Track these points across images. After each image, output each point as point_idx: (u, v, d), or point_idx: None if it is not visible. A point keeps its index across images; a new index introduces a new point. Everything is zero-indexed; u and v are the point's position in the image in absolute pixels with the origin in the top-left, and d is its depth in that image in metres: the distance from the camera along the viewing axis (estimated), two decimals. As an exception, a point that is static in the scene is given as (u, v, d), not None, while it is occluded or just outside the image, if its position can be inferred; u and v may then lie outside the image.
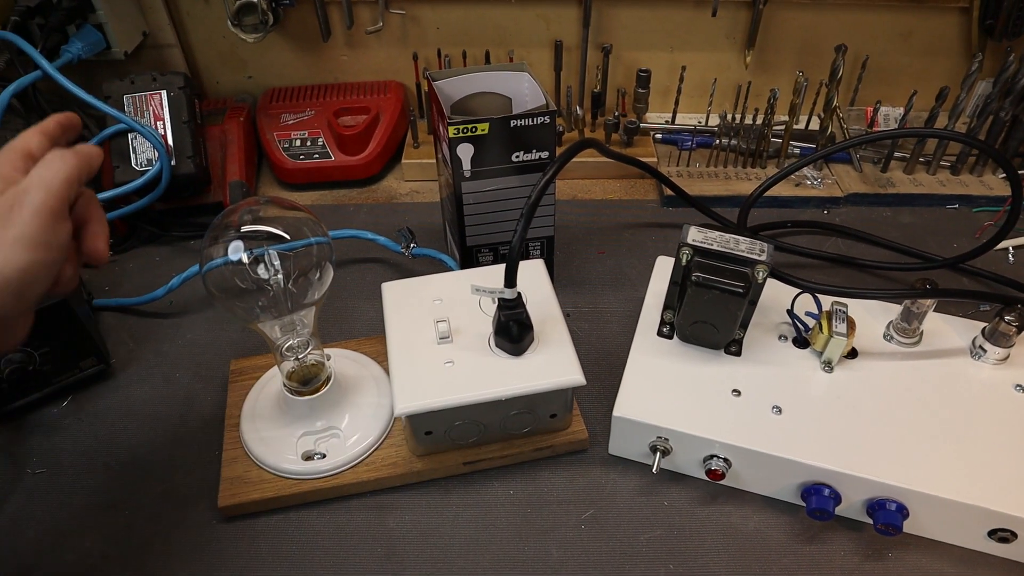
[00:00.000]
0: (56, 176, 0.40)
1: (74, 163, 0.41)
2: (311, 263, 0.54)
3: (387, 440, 0.60)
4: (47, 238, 0.39)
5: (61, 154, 0.41)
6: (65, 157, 0.41)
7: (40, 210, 0.38)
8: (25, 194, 0.38)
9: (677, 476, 0.59)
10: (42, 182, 0.39)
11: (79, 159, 0.41)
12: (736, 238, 0.56)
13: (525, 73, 0.69)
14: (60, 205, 0.39)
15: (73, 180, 0.40)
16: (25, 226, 0.38)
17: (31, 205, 0.38)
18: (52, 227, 0.39)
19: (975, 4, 0.89)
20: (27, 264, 0.38)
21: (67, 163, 0.40)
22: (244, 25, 0.87)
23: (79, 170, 0.41)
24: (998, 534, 0.52)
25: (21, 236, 0.38)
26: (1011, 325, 0.58)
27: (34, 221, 0.38)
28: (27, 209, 0.38)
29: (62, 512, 0.58)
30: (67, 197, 0.40)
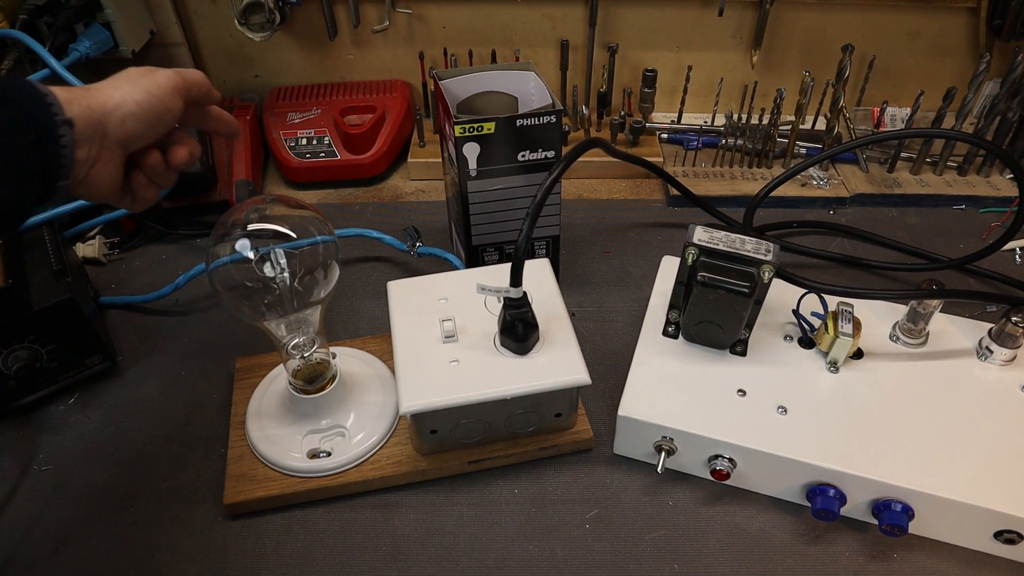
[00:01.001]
0: (183, 71, 0.52)
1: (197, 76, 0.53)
2: (317, 262, 0.54)
3: (392, 439, 0.60)
4: (162, 95, 0.49)
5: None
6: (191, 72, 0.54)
7: (163, 80, 0.49)
8: (165, 70, 0.51)
9: (682, 476, 0.59)
10: (172, 70, 0.51)
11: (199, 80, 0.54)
12: (742, 238, 0.56)
13: (531, 72, 0.69)
14: (179, 84, 0.50)
15: (191, 83, 0.52)
16: (150, 83, 0.49)
17: (162, 75, 0.50)
18: (169, 94, 0.49)
19: (983, 4, 0.88)
20: (144, 101, 0.48)
21: (191, 72, 0.53)
22: (251, 24, 0.87)
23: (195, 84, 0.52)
24: (1004, 535, 0.52)
25: (147, 85, 0.49)
26: (1018, 326, 0.58)
27: (159, 82, 0.49)
28: (158, 75, 0.50)
29: (68, 508, 0.58)
30: (183, 86, 0.51)
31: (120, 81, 0.49)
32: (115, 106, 0.47)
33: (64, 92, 0.45)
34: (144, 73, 0.50)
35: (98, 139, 0.46)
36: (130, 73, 0.50)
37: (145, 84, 0.49)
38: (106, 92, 0.47)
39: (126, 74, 0.49)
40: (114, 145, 0.47)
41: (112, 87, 0.48)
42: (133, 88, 0.48)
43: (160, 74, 0.50)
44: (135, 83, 0.49)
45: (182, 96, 0.51)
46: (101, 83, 0.48)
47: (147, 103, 0.48)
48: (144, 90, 0.48)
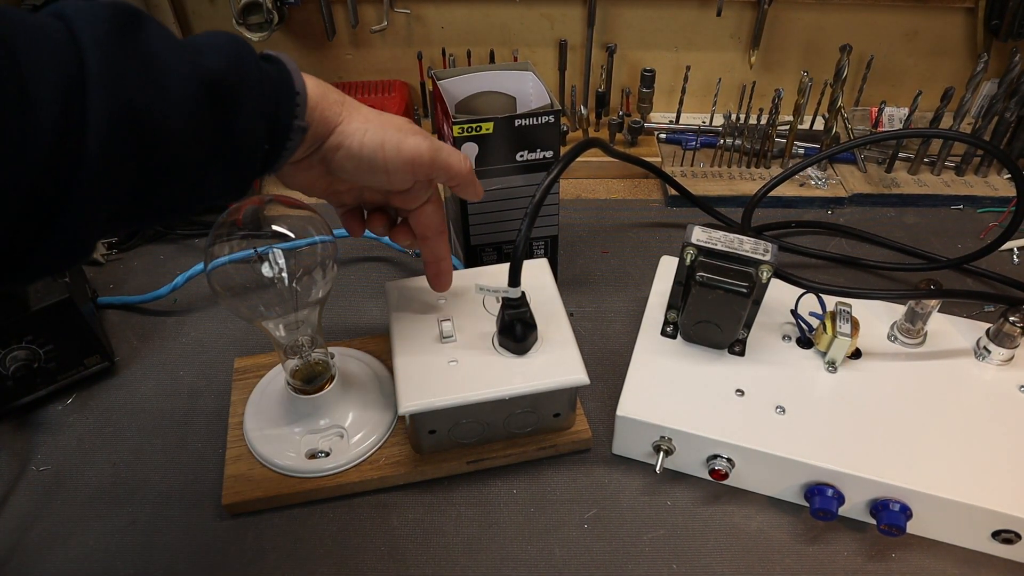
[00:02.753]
0: (442, 156, 0.51)
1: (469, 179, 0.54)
2: (315, 262, 0.54)
3: (390, 439, 0.60)
4: (390, 161, 0.48)
5: (471, 165, 0.54)
6: (472, 172, 0.54)
7: (406, 150, 0.48)
8: (428, 139, 0.50)
9: (680, 476, 0.59)
10: (431, 146, 0.50)
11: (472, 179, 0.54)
12: (740, 238, 0.56)
13: (529, 72, 0.69)
14: (418, 163, 0.49)
15: (435, 169, 0.51)
16: (392, 140, 0.48)
17: (411, 144, 0.48)
18: (400, 165, 0.49)
19: (980, 4, 0.88)
20: (369, 152, 0.47)
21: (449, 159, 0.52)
22: (249, 24, 0.87)
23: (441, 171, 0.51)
24: (1002, 535, 0.52)
25: (388, 139, 0.48)
26: (1015, 326, 0.58)
27: (400, 147, 0.48)
28: (409, 141, 0.48)
29: (66, 509, 0.58)
30: (422, 168, 0.50)
31: (374, 117, 0.48)
32: (345, 136, 0.46)
33: (317, 88, 0.45)
34: (401, 128, 0.49)
35: (315, 154, 0.47)
36: (395, 119, 0.49)
37: (387, 137, 0.48)
38: (351, 116, 0.47)
39: (392, 118, 0.49)
40: (322, 166, 0.48)
41: (361, 117, 0.47)
42: (375, 131, 0.47)
43: (410, 142, 0.48)
44: (382, 129, 0.48)
45: (412, 175, 0.50)
46: (357, 104, 0.48)
47: (371, 155, 0.47)
48: (380, 142, 0.47)
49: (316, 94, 0.45)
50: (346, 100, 0.48)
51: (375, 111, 0.49)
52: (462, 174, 0.52)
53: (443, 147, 0.51)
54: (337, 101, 0.47)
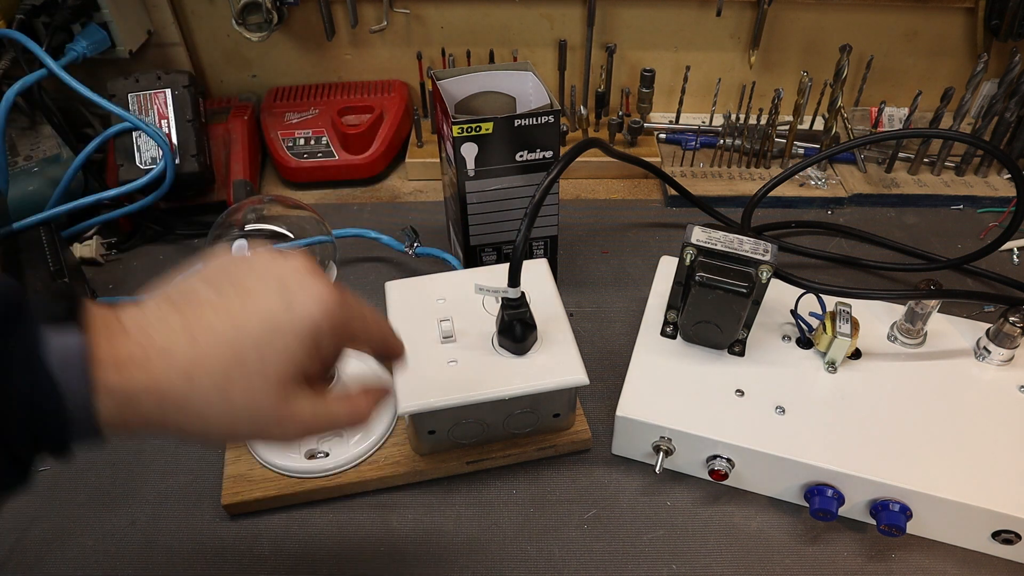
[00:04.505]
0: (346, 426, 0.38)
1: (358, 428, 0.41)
2: (315, 262, 0.54)
3: (390, 439, 0.60)
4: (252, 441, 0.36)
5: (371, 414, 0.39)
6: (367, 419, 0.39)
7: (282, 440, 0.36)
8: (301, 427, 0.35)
9: (680, 476, 0.59)
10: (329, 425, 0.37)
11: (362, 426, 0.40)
12: (740, 238, 0.56)
13: (529, 72, 0.69)
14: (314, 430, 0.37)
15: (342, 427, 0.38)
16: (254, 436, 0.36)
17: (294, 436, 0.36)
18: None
19: (980, 4, 0.88)
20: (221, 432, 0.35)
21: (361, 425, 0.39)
22: (248, 24, 0.87)
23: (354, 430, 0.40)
24: (1002, 535, 0.52)
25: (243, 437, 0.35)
26: (1015, 326, 0.58)
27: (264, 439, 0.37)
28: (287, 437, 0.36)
29: (65, 510, 0.58)
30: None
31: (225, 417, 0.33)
32: (185, 427, 0.33)
33: (116, 401, 0.31)
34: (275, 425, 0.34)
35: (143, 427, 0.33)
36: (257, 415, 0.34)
37: (246, 434, 0.35)
38: (178, 413, 0.32)
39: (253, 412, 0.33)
40: None
41: (197, 410, 0.33)
42: (223, 432, 0.34)
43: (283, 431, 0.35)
44: (235, 428, 0.34)
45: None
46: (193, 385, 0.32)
47: (225, 438, 0.37)
48: (231, 438, 0.36)
49: (113, 409, 0.31)
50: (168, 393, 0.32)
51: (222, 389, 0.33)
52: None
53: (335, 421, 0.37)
54: (154, 407, 0.32)
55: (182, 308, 0.33)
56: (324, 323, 0.35)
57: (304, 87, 0.97)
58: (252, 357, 0.33)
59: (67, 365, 0.30)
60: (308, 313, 0.34)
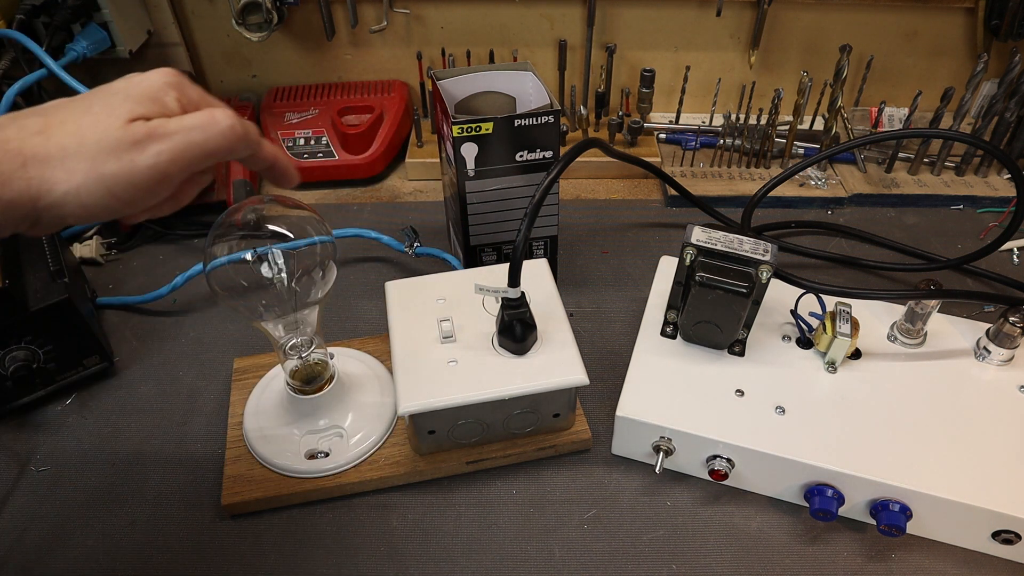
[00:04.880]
0: (207, 141, 0.38)
1: (237, 136, 0.39)
2: (315, 262, 0.54)
3: (390, 439, 0.60)
4: (132, 195, 0.37)
5: (235, 118, 0.39)
6: (235, 126, 0.39)
7: (142, 172, 0.36)
8: (156, 141, 0.37)
9: (680, 476, 0.59)
10: (189, 137, 0.38)
11: (247, 135, 0.40)
12: (740, 238, 0.56)
13: (529, 72, 0.69)
14: (171, 170, 0.37)
15: (224, 151, 0.39)
16: (121, 174, 0.36)
17: (148, 158, 0.36)
18: (145, 193, 0.37)
19: (980, 4, 0.88)
20: (97, 202, 0.36)
21: (231, 132, 0.39)
22: (248, 24, 0.87)
23: (240, 143, 0.40)
24: (1002, 535, 0.52)
25: (115, 176, 0.36)
26: (1015, 326, 0.58)
27: (134, 175, 0.36)
28: (144, 156, 0.36)
29: (65, 510, 0.58)
30: (183, 165, 0.38)
31: (81, 155, 0.35)
32: (56, 207, 0.35)
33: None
34: (122, 144, 0.36)
35: (32, 227, 0.36)
36: (109, 132, 0.36)
37: (110, 179, 0.36)
38: (44, 173, 0.35)
39: (107, 130, 0.36)
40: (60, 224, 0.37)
41: (62, 170, 0.35)
42: (89, 183, 0.35)
43: (142, 163, 0.36)
44: (97, 169, 0.35)
45: (173, 182, 0.38)
46: (52, 131, 0.35)
47: (104, 210, 0.36)
48: (105, 190, 0.36)
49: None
50: (25, 148, 0.35)
51: (78, 123, 0.36)
52: (240, 134, 0.40)
53: (191, 128, 0.38)
54: (16, 168, 0.34)
55: (36, 108, 0.37)
56: (161, 83, 0.40)
57: (304, 87, 0.97)
58: (99, 106, 0.37)
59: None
60: (145, 78, 0.40)
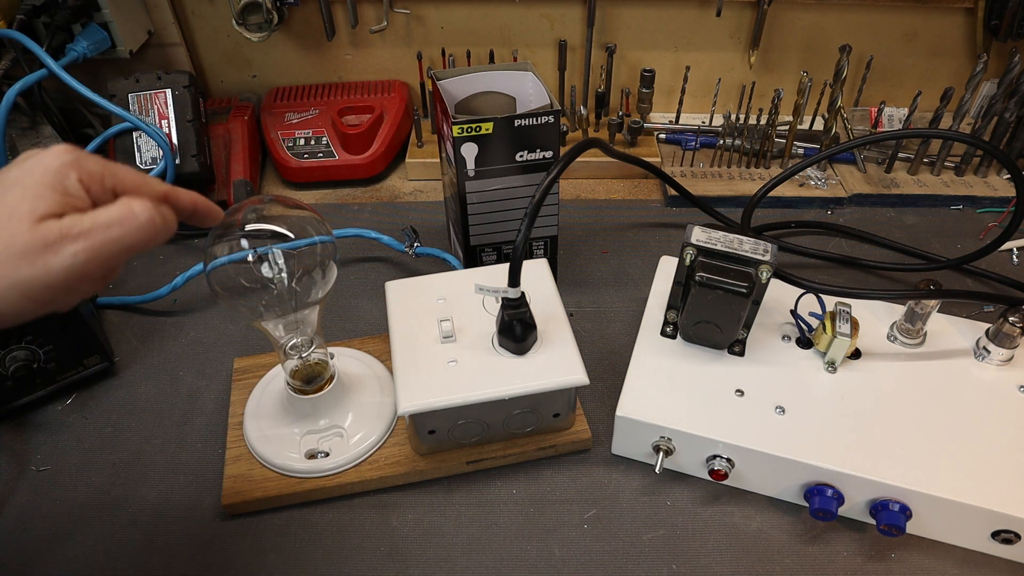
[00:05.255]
0: (124, 238, 0.36)
1: (156, 229, 0.37)
2: (315, 262, 0.54)
3: (390, 439, 0.60)
4: (54, 298, 0.35)
5: (152, 207, 0.37)
6: (154, 218, 0.37)
7: (56, 273, 0.34)
8: (72, 241, 0.35)
9: (680, 476, 0.59)
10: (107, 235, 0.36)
11: (167, 223, 0.38)
12: (740, 238, 0.56)
13: (529, 73, 0.69)
14: (100, 270, 0.36)
15: (144, 244, 0.37)
16: (35, 276, 0.34)
17: (64, 258, 0.34)
18: (70, 289, 0.35)
19: (980, 4, 0.88)
20: (15, 310, 0.35)
21: (149, 227, 0.37)
22: (249, 24, 0.87)
23: (161, 234, 0.38)
24: (1001, 535, 0.52)
25: (30, 281, 0.34)
26: (1015, 326, 0.58)
27: (48, 276, 0.34)
28: (59, 257, 0.34)
29: (66, 509, 0.58)
30: (116, 262, 0.36)
31: None
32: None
33: None
34: (43, 250, 0.34)
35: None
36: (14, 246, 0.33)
37: (26, 278, 0.34)
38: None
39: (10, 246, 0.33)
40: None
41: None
42: (1, 284, 0.34)
43: (62, 257, 0.34)
44: (10, 275, 0.34)
45: (93, 279, 0.36)
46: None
47: (18, 310, 0.35)
48: (20, 294, 0.34)
49: None
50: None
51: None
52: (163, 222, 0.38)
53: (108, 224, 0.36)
54: None
55: None
56: (58, 165, 0.36)
57: (304, 87, 0.97)
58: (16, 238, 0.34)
59: None
60: (40, 163, 0.36)
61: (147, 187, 0.39)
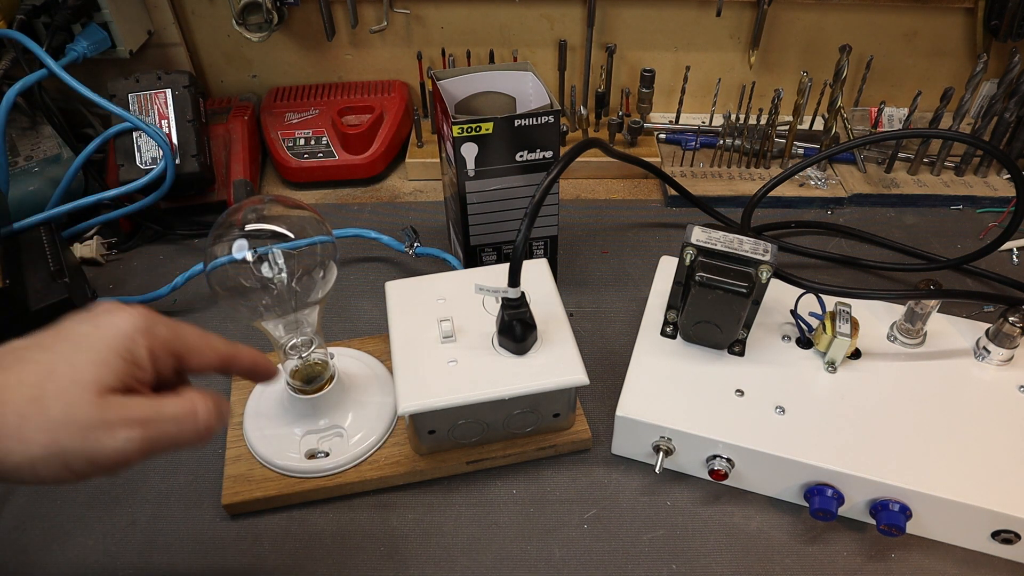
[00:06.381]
0: (179, 436, 0.37)
1: (211, 433, 0.38)
2: (315, 262, 0.54)
3: (390, 439, 0.60)
4: (91, 474, 0.35)
5: (213, 413, 0.38)
6: (212, 425, 0.38)
7: (120, 453, 0.34)
8: (129, 427, 0.35)
9: (680, 476, 0.59)
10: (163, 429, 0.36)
11: (219, 427, 0.39)
12: (740, 238, 0.56)
13: (529, 73, 0.69)
14: (143, 459, 0.36)
15: (193, 445, 0.38)
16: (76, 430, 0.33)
17: (121, 443, 0.34)
18: (109, 470, 0.35)
19: (980, 4, 0.88)
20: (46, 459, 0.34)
21: (206, 431, 0.38)
22: (248, 24, 0.87)
23: (207, 439, 0.38)
24: (1001, 535, 0.52)
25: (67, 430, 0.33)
26: (1015, 326, 0.58)
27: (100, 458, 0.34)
28: (112, 443, 0.34)
29: (65, 510, 0.58)
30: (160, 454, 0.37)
31: (40, 429, 0.33)
32: (10, 469, 0.33)
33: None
34: (98, 427, 0.34)
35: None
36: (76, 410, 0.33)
37: (70, 455, 0.33)
38: (4, 443, 0.33)
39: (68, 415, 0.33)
40: None
41: (19, 442, 0.33)
42: (47, 456, 0.33)
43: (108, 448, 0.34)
44: (55, 443, 0.33)
45: (133, 466, 0.36)
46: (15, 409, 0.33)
47: (55, 477, 0.34)
48: (62, 464, 0.33)
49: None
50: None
51: (41, 387, 0.34)
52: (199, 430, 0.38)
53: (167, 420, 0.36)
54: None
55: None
56: (131, 331, 0.37)
57: (304, 87, 0.97)
58: (63, 369, 0.34)
59: None
60: (113, 325, 0.37)
61: (211, 350, 0.41)
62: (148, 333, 0.38)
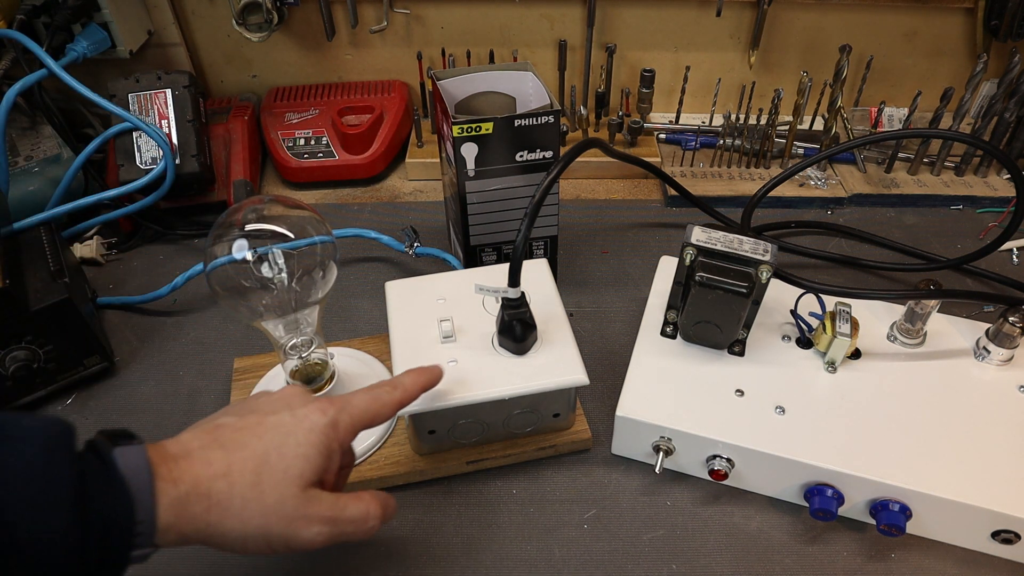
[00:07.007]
0: (354, 535, 0.43)
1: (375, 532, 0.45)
2: (315, 262, 0.54)
3: (390, 439, 0.60)
4: (280, 554, 0.41)
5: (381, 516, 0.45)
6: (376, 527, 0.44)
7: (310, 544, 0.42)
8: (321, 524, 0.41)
9: (680, 476, 0.59)
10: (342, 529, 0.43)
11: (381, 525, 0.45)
12: (740, 238, 0.56)
13: (529, 73, 0.69)
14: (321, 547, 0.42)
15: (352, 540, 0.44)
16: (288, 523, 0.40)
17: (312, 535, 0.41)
18: (292, 552, 0.41)
19: (980, 5, 0.88)
20: (249, 550, 0.41)
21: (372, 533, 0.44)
22: (249, 24, 0.87)
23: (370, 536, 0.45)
24: (1001, 535, 0.52)
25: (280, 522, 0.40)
26: (1015, 326, 0.58)
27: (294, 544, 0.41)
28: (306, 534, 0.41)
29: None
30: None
31: (253, 511, 0.39)
32: (220, 539, 0.40)
33: (173, 505, 0.37)
34: (299, 519, 0.40)
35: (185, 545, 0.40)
36: (283, 504, 0.40)
37: (272, 538, 0.40)
38: (222, 518, 0.39)
39: (279, 501, 0.39)
40: None
41: (235, 519, 0.39)
42: (256, 536, 0.39)
43: (303, 539, 0.41)
44: (264, 527, 0.39)
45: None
46: (240, 493, 0.39)
47: (256, 550, 0.40)
48: (266, 543, 0.40)
49: (170, 515, 0.37)
50: (212, 492, 0.38)
51: (258, 473, 0.40)
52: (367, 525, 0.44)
53: (349, 521, 0.43)
54: (201, 512, 0.38)
55: (212, 432, 0.41)
56: (326, 427, 0.43)
57: (304, 87, 0.97)
58: (274, 457, 0.40)
59: (135, 478, 0.36)
60: (309, 419, 0.43)
61: (385, 408, 0.47)
62: (336, 427, 0.43)
